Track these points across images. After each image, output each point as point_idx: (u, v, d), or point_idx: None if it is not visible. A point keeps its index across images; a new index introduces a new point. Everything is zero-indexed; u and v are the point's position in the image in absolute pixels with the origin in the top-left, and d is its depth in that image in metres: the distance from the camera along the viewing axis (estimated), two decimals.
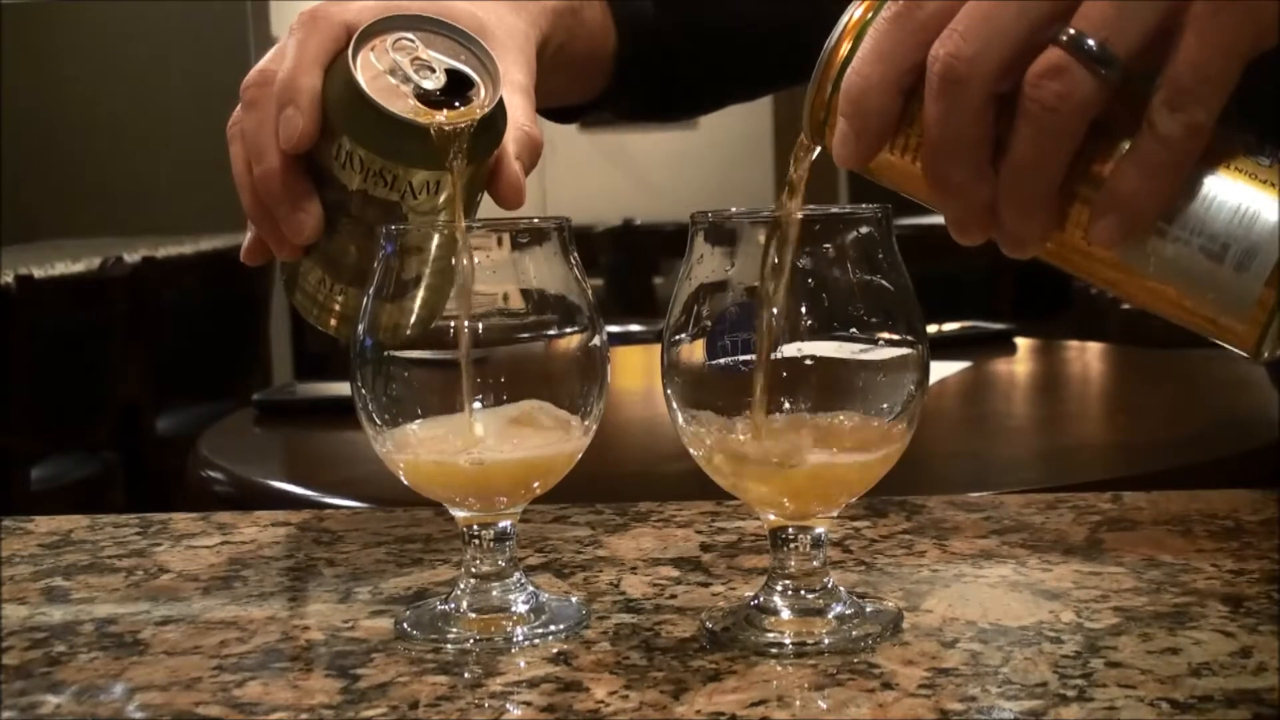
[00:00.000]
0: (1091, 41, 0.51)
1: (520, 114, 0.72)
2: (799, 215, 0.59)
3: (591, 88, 0.96)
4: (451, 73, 0.70)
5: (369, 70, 0.68)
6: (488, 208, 0.72)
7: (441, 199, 0.69)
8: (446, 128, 0.67)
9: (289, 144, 0.69)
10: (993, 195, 0.55)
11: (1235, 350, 0.54)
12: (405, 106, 0.68)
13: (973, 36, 0.53)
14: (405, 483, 0.65)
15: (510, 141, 0.71)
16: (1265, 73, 0.52)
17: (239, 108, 0.72)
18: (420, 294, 0.64)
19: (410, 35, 0.69)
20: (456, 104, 0.69)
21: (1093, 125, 0.53)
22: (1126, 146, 0.53)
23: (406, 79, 0.69)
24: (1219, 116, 0.51)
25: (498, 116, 0.70)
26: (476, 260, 0.63)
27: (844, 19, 0.58)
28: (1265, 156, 0.53)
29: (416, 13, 0.71)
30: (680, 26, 0.97)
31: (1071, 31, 0.51)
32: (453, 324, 0.62)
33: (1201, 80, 0.51)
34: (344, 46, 0.69)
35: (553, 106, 0.95)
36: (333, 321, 0.74)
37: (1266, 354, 0.53)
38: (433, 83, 0.69)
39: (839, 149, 0.58)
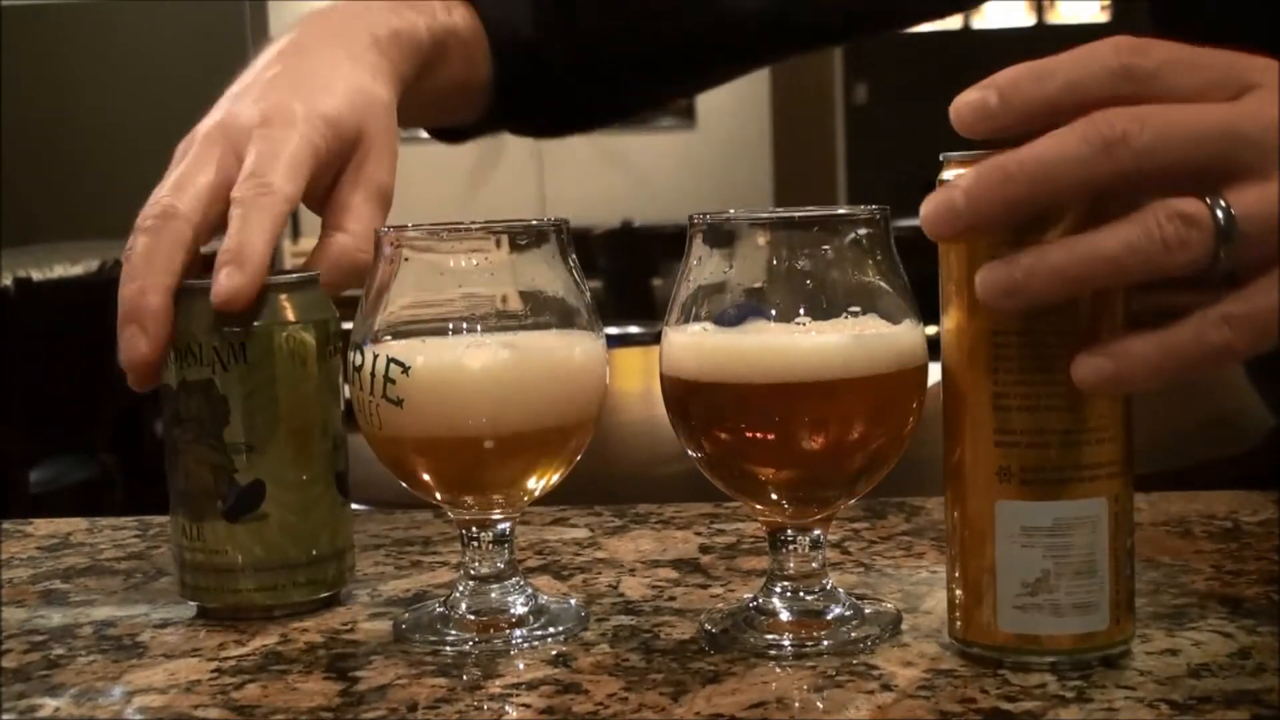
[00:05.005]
0: (1228, 218, 0.51)
1: (360, 228, 0.72)
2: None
3: (470, 112, 0.93)
4: None
5: None
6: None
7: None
8: None
9: (129, 367, 0.70)
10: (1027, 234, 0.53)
11: None
12: None
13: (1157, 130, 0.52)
14: (398, 474, 0.65)
15: (331, 266, 0.71)
16: None
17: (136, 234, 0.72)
18: None
19: None
20: None
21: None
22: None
23: None
24: None
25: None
26: (475, 262, 0.63)
27: None
28: None
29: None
30: (560, 45, 0.93)
31: (1224, 204, 0.51)
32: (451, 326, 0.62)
33: (1257, 324, 0.52)
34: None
35: (437, 127, 0.94)
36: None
37: None
38: None
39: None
